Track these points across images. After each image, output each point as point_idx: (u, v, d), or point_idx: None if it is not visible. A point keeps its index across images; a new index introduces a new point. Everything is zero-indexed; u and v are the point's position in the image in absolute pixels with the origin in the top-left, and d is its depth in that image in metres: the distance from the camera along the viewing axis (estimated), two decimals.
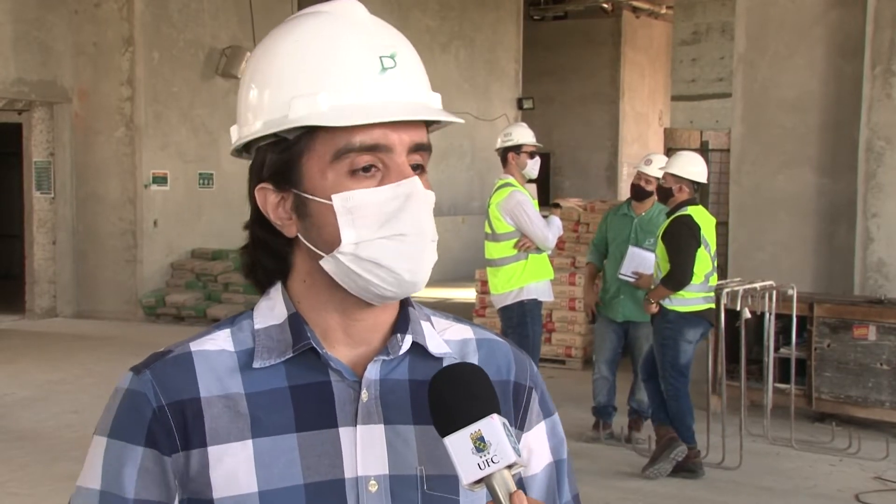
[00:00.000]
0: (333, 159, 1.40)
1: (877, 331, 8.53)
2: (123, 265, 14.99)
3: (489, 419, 1.33)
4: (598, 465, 7.71)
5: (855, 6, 9.99)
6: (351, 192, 1.40)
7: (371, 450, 1.44)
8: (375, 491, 1.44)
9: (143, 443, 1.42)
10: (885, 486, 7.28)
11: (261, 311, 1.51)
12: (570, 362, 11.50)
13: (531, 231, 7.54)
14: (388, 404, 1.47)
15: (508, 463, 1.32)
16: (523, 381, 1.60)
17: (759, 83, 10.62)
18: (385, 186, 1.40)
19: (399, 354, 1.49)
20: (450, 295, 17.14)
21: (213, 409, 1.43)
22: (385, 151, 1.41)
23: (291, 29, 1.48)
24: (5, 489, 7.16)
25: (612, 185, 26.89)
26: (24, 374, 11.06)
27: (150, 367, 1.46)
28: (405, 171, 1.41)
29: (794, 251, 10.36)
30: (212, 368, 1.46)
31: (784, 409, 8.43)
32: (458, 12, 21.26)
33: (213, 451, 1.42)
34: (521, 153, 7.79)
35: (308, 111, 1.39)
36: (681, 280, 7.13)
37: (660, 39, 28.36)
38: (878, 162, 9.66)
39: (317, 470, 1.42)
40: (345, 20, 1.45)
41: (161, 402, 1.42)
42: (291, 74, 1.43)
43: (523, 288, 7.63)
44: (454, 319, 1.63)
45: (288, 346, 1.46)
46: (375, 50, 1.42)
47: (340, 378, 1.46)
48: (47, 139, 15.19)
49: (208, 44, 15.77)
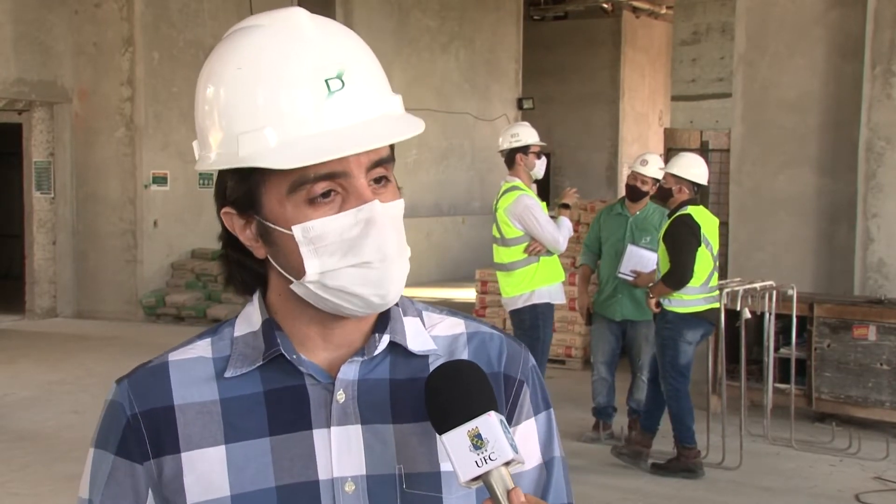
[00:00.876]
0: (290, 191, 1.38)
1: (877, 331, 8.54)
2: (124, 265, 15.02)
3: (486, 416, 1.33)
4: (598, 465, 7.73)
5: (855, 6, 9.99)
6: (311, 223, 1.37)
7: (347, 451, 1.44)
8: (352, 492, 1.43)
9: (115, 451, 1.44)
10: (885, 486, 7.30)
11: (241, 318, 1.52)
12: (570, 362, 11.53)
13: (541, 235, 7.50)
14: (366, 404, 1.46)
15: (506, 460, 1.31)
16: (514, 373, 1.57)
17: (759, 83, 10.63)
18: (344, 213, 1.37)
19: (375, 355, 1.48)
20: (450, 295, 17.18)
21: (187, 415, 1.44)
22: (343, 177, 1.37)
23: (232, 48, 1.42)
24: (6, 489, 7.18)
25: (612, 184, 26.87)
26: (24, 374, 11.09)
27: (129, 377, 1.48)
28: (364, 194, 1.38)
29: (794, 251, 10.36)
30: (188, 377, 1.46)
31: (784, 409, 8.44)
32: (458, 13, 21.23)
33: (186, 457, 1.42)
34: (529, 153, 7.73)
35: (255, 148, 1.35)
36: (681, 278, 7.13)
37: (660, 39, 28.36)
38: (879, 162, 9.67)
39: (290, 472, 1.43)
40: (285, 37, 1.39)
41: (135, 411, 1.44)
42: (236, 107, 1.39)
43: (535, 291, 7.59)
44: (448, 313, 1.61)
45: (260, 353, 1.46)
46: (320, 71, 1.37)
47: (315, 381, 1.45)
48: (47, 139, 15.23)
49: (208, 44, 15.63)
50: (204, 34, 15.71)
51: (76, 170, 15.18)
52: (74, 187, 15.21)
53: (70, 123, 15.12)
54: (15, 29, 14.21)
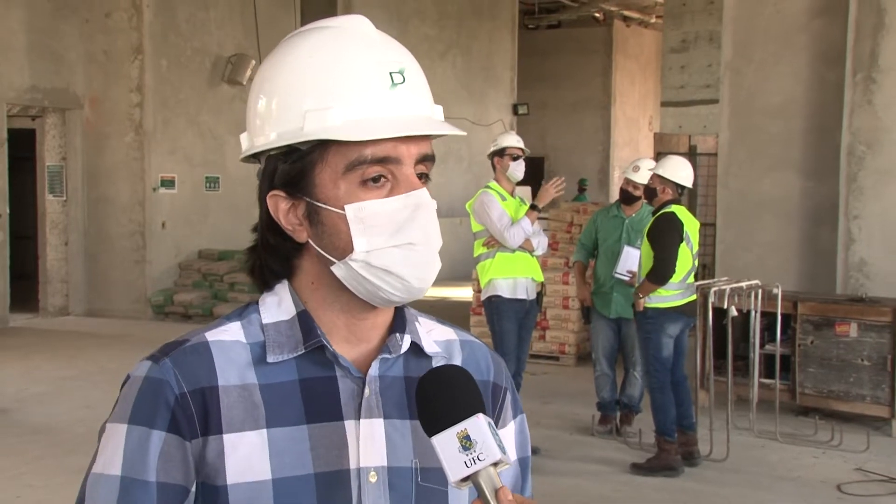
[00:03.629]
0: (346, 171, 1.42)
1: (858, 328, 8.61)
2: (133, 265, 15.07)
3: (475, 418, 1.35)
4: (591, 458, 7.80)
5: (837, 16, 10.04)
6: (363, 203, 1.42)
7: (371, 443, 1.47)
8: (375, 482, 1.47)
9: (166, 428, 1.42)
10: (865, 477, 7.38)
11: (267, 305, 1.52)
12: (563, 359, 11.51)
13: (491, 228, 7.54)
14: (387, 400, 1.50)
15: (494, 460, 1.33)
16: (500, 381, 1.64)
17: (745, 90, 10.68)
18: (395, 197, 1.43)
19: (399, 353, 1.53)
20: (448, 294, 17.13)
21: (230, 397, 1.44)
22: (394, 163, 1.43)
23: (302, 41, 1.48)
24: (21, 481, 7.25)
25: (603, 187, 26.82)
26: (37, 370, 11.13)
27: (168, 355, 1.46)
28: (413, 182, 1.44)
29: (779, 252, 10.40)
30: (229, 358, 1.47)
31: (769, 403, 8.57)
32: (455, 21, 21.23)
33: (228, 438, 1.43)
34: (504, 156, 7.78)
35: (322, 125, 1.41)
36: (664, 274, 7.15)
37: (650, 47, 28.39)
38: (860, 165, 9.73)
39: (325, 460, 1.45)
40: (353, 35, 1.46)
41: (183, 389, 1.43)
42: (304, 87, 1.44)
43: (489, 284, 7.66)
44: (437, 321, 1.66)
45: (298, 343, 1.47)
46: (385, 65, 1.44)
47: (346, 374, 1.48)
48: (60, 144, 15.27)
49: (214, 52, 15.78)
50: (210, 43, 15.73)
51: (87, 173, 15.22)
52: (86, 190, 15.24)
53: (81, 129, 15.17)
54: (29, 38, 14.25)
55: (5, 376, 10.79)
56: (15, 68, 14.18)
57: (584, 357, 11.01)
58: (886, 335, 8.52)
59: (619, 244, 8.14)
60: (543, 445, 7.79)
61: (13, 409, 9.38)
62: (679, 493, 7.05)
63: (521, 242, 7.59)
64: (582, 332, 11.34)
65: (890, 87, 9.70)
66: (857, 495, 7.01)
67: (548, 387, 10.28)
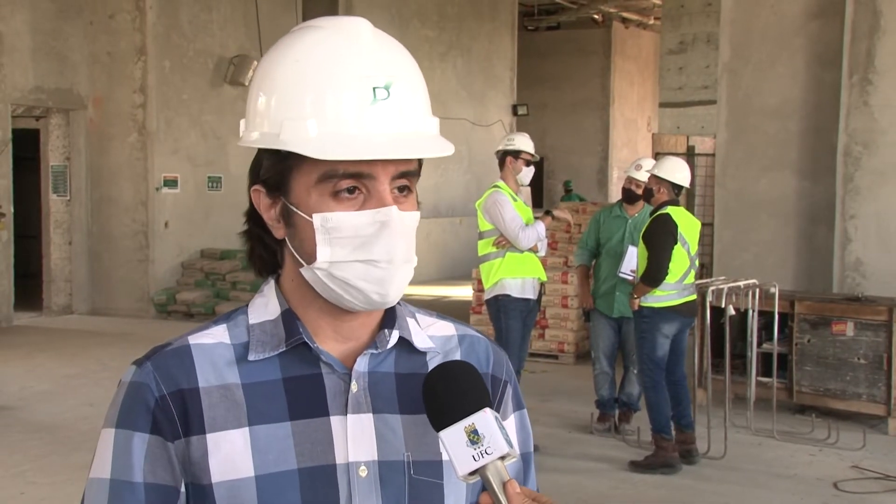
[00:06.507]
0: (318, 181, 1.42)
1: (854, 327, 8.62)
2: (136, 264, 15.10)
3: (482, 413, 1.36)
4: (590, 456, 7.82)
5: (834, 18, 10.11)
6: (331, 214, 1.42)
7: (361, 437, 1.48)
8: (366, 476, 1.47)
9: (148, 430, 1.44)
10: (862, 474, 7.40)
11: (255, 307, 1.54)
12: (562, 357, 11.52)
13: (503, 228, 7.57)
14: (376, 395, 1.50)
15: (501, 454, 1.34)
16: (500, 374, 1.63)
17: (742, 91, 10.73)
18: (363, 212, 1.42)
19: (387, 348, 1.53)
20: (448, 293, 17.11)
21: (211, 398, 1.45)
22: (368, 178, 1.42)
23: (297, 42, 1.47)
24: (25, 478, 7.26)
25: (602, 187, 26.91)
26: (41, 368, 11.15)
27: (150, 359, 1.49)
28: (385, 198, 1.42)
29: (776, 251, 10.44)
30: (209, 360, 1.48)
31: (766, 401, 8.60)
32: (455, 23, 21.26)
33: (211, 438, 1.44)
34: (518, 159, 7.82)
35: (296, 136, 1.40)
36: (655, 276, 7.18)
37: (648, 49, 28.45)
38: (856, 166, 9.79)
39: (310, 456, 1.45)
40: (347, 40, 1.44)
41: (163, 392, 1.44)
42: (286, 95, 1.43)
43: (498, 283, 7.68)
44: (437, 316, 1.66)
45: (281, 341, 1.49)
46: (370, 80, 1.41)
47: (331, 370, 1.49)
48: (64, 144, 15.29)
49: (217, 53, 15.79)
50: (213, 44, 15.75)
51: (91, 173, 15.24)
52: (89, 190, 15.26)
53: (85, 129, 15.19)
54: (33, 39, 14.28)
55: (9, 374, 10.80)
56: (19, 69, 14.21)
57: (583, 355, 11.04)
58: (882, 334, 8.54)
59: (622, 244, 8.16)
60: (542, 443, 7.82)
61: (17, 407, 9.40)
62: (677, 491, 7.08)
63: (532, 245, 7.67)
64: (581, 331, 11.39)
65: (886, 88, 9.75)
66: (854, 493, 7.01)
67: (547, 385, 10.32)
